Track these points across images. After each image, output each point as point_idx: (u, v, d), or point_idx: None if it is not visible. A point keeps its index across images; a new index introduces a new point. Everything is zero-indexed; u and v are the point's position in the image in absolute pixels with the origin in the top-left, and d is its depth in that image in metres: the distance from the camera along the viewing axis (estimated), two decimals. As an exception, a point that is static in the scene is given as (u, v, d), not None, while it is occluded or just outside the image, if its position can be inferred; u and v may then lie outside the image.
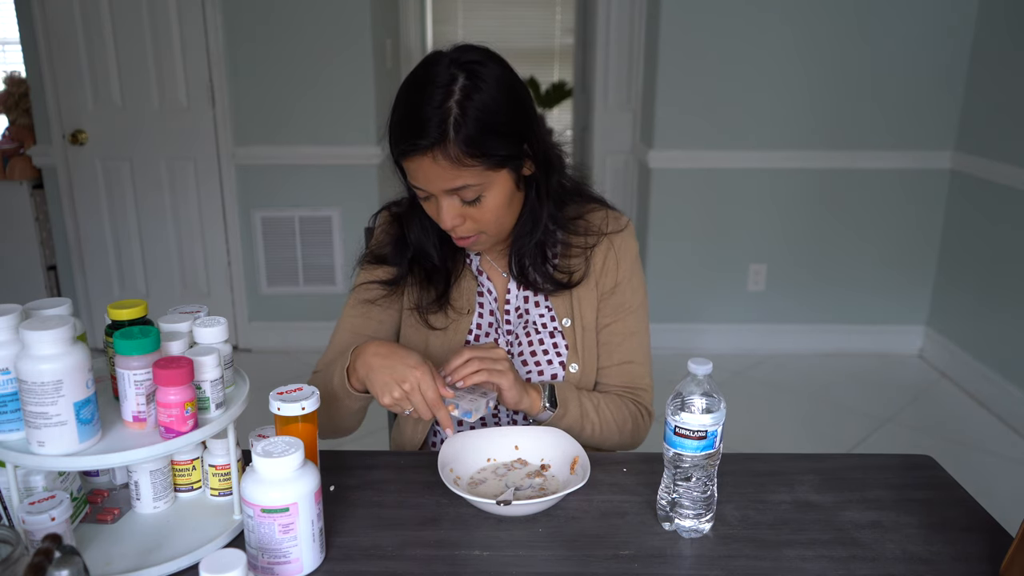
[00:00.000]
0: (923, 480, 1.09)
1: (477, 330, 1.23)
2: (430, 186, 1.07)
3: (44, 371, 0.79)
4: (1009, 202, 2.93)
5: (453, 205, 1.08)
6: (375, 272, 1.24)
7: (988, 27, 3.08)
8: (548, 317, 1.23)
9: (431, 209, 1.12)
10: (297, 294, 3.48)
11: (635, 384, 1.25)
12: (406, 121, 1.05)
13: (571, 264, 1.22)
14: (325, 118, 3.26)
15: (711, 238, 3.42)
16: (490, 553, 0.91)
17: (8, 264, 3.46)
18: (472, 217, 1.10)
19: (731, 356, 3.40)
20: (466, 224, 1.10)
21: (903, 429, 2.88)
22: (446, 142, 1.02)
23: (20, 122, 3.41)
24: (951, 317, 3.32)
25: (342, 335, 1.26)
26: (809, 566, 0.89)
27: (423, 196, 1.10)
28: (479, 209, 1.09)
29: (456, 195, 1.07)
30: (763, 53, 3.19)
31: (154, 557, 0.88)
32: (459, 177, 1.05)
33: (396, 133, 1.06)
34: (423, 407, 1.02)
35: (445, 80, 1.03)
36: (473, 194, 1.07)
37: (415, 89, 1.05)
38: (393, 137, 1.07)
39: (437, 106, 1.02)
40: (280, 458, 0.81)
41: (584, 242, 1.22)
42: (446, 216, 1.08)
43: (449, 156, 1.02)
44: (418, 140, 1.02)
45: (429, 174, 1.05)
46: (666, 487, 0.96)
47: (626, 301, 1.24)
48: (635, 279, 1.25)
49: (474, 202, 1.08)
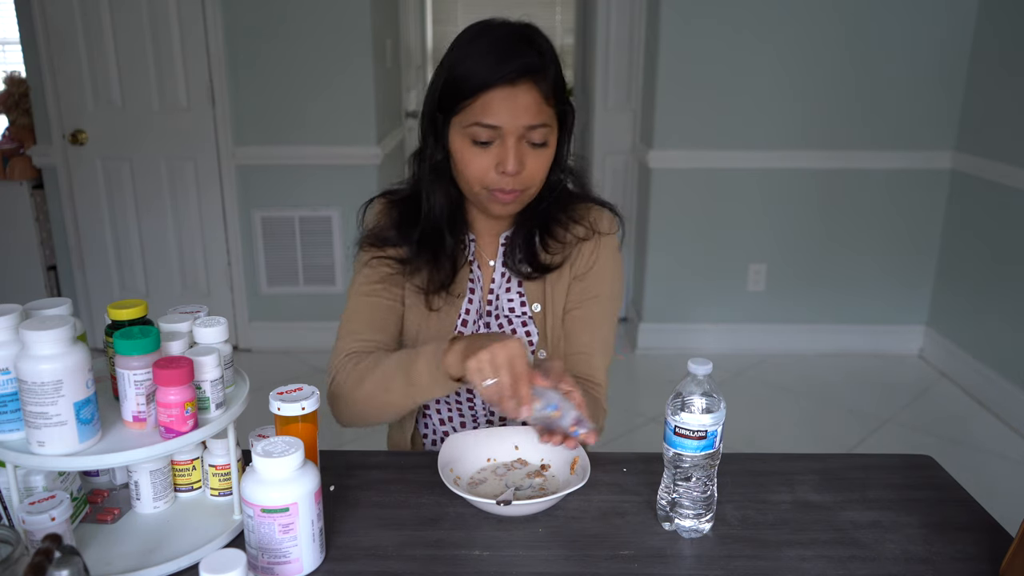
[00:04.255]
0: (923, 480, 1.09)
1: (466, 315, 1.23)
2: (514, 119, 1.06)
3: (44, 371, 0.79)
4: (1009, 202, 2.93)
5: (520, 148, 1.08)
6: (384, 252, 1.21)
7: (988, 27, 3.08)
8: (519, 302, 1.22)
9: (484, 158, 1.09)
10: (297, 294, 3.48)
11: (590, 377, 1.22)
12: (499, 50, 1.05)
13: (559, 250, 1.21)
14: (325, 118, 3.26)
15: (711, 238, 3.41)
16: (490, 553, 0.91)
17: (8, 264, 3.46)
18: (528, 166, 1.09)
19: (731, 356, 3.40)
20: (519, 175, 1.09)
21: (903, 429, 2.88)
22: (545, 73, 1.06)
23: (20, 122, 3.41)
24: (951, 317, 3.32)
25: (364, 310, 1.20)
26: (809, 566, 0.89)
27: (487, 140, 1.08)
28: (536, 159, 1.10)
29: (527, 136, 1.08)
30: (763, 53, 3.19)
31: (154, 557, 0.88)
32: (542, 113, 1.07)
33: (487, 61, 1.05)
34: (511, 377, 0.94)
35: (524, 28, 1.08)
36: (542, 137, 1.08)
37: (504, 30, 1.08)
38: (482, 65, 1.05)
39: (529, 42, 1.07)
40: (280, 458, 0.81)
41: (576, 234, 1.21)
42: (513, 157, 1.07)
43: (540, 89, 1.06)
44: (522, 63, 1.04)
45: (517, 105, 1.05)
46: (666, 487, 0.96)
47: (592, 288, 1.22)
48: (607, 271, 1.23)
49: (539, 146, 1.09)
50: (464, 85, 1.07)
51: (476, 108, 1.07)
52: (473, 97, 1.06)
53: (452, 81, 1.08)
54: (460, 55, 1.09)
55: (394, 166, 3.91)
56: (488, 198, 1.12)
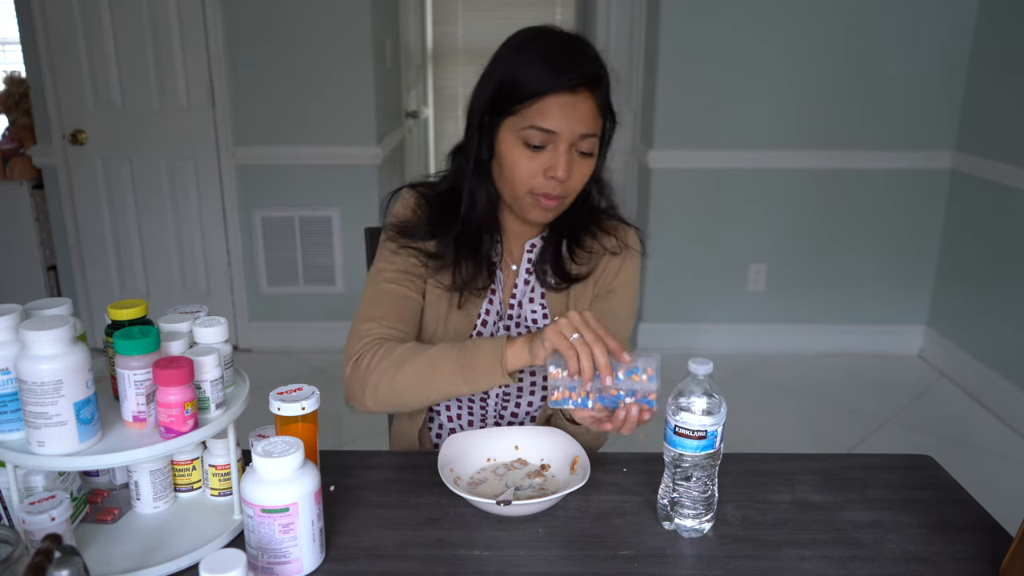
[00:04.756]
0: (923, 480, 1.09)
1: (485, 315, 1.23)
2: (571, 126, 1.07)
3: (44, 371, 0.79)
4: (1009, 202, 2.93)
5: (571, 156, 1.10)
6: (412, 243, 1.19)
7: (988, 27, 3.07)
8: (540, 314, 1.24)
9: (534, 162, 1.09)
10: (297, 294, 3.48)
11: None
12: (560, 57, 1.07)
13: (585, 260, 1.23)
14: (325, 118, 3.26)
15: (711, 238, 3.41)
16: (490, 553, 0.91)
17: (8, 264, 3.46)
18: (574, 174, 1.11)
19: (731, 356, 3.40)
20: (565, 182, 1.11)
21: (903, 429, 2.88)
22: (602, 84, 1.11)
23: (20, 122, 3.40)
24: (951, 317, 3.32)
25: (388, 297, 1.18)
26: (809, 566, 0.89)
27: (540, 144, 1.08)
28: (582, 168, 1.12)
29: (578, 145, 1.10)
30: (763, 53, 3.19)
31: (154, 557, 0.88)
32: (595, 123, 1.10)
33: (548, 66, 1.07)
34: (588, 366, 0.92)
35: (579, 38, 1.12)
36: (591, 147, 1.11)
37: (560, 37, 1.11)
38: (542, 70, 1.07)
39: (587, 53, 1.10)
40: (280, 458, 0.81)
41: (605, 246, 1.24)
42: (564, 164, 1.08)
43: (597, 99, 1.10)
44: (583, 72, 1.07)
45: (573, 114, 1.07)
46: (666, 487, 0.96)
47: (616, 309, 1.25)
48: (629, 292, 1.27)
49: (586, 156, 1.11)
50: (523, 88, 1.07)
51: (533, 111, 1.07)
52: (531, 101, 1.07)
53: (509, 83, 1.09)
54: (517, 59, 1.10)
55: (394, 166, 3.91)
56: (531, 203, 1.13)
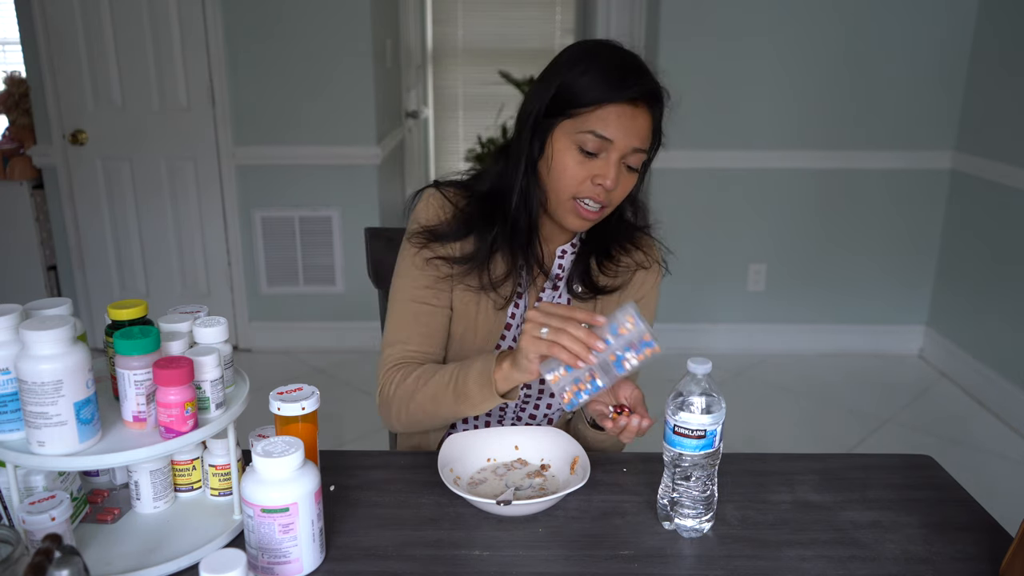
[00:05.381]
0: (923, 480, 1.09)
1: (511, 320, 1.23)
2: (626, 137, 1.09)
3: (44, 371, 0.79)
4: (1009, 202, 2.93)
5: (619, 167, 1.11)
6: (444, 248, 1.18)
7: (988, 27, 3.07)
8: None
9: (584, 168, 1.10)
10: (297, 294, 3.48)
11: None
12: (624, 70, 1.10)
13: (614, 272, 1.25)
14: (325, 118, 3.26)
15: (711, 238, 3.41)
16: (490, 553, 0.91)
17: (8, 264, 3.46)
18: (619, 186, 1.13)
19: (731, 356, 3.40)
20: (610, 193, 1.12)
21: (903, 429, 2.88)
22: (660, 103, 1.14)
23: (20, 122, 3.40)
24: (951, 317, 3.32)
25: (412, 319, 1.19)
26: (809, 566, 0.90)
27: (593, 151, 1.10)
28: (627, 181, 1.14)
29: (628, 158, 1.11)
30: (763, 53, 3.19)
31: (154, 557, 0.88)
32: (647, 140, 1.13)
33: (613, 76, 1.09)
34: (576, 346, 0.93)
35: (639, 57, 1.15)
36: (638, 162, 1.13)
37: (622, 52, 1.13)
38: (606, 79, 1.09)
39: (647, 71, 1.14)
40: (280, 458, 0.81)
41: (636, 260, 1.27)
42: (614, 173, 1.10)
43: (653, 116, 1.13)
44: (646, 88, 1.10)
45: (631, 125, 1.09)
46: (666, 487, 0.96)
47: None
48: (653, 304, 1.32)
49: (632, 171, 1.13)
50: (585, 94, 1.09)
51: (593, 118, 1.09)
52: (593, 107, 1.09)
53: (571, 87, 1.10)
54: (579, 67, 1.11)
55: (394, 166, 3.91)
56: (572, 208, 1.13)
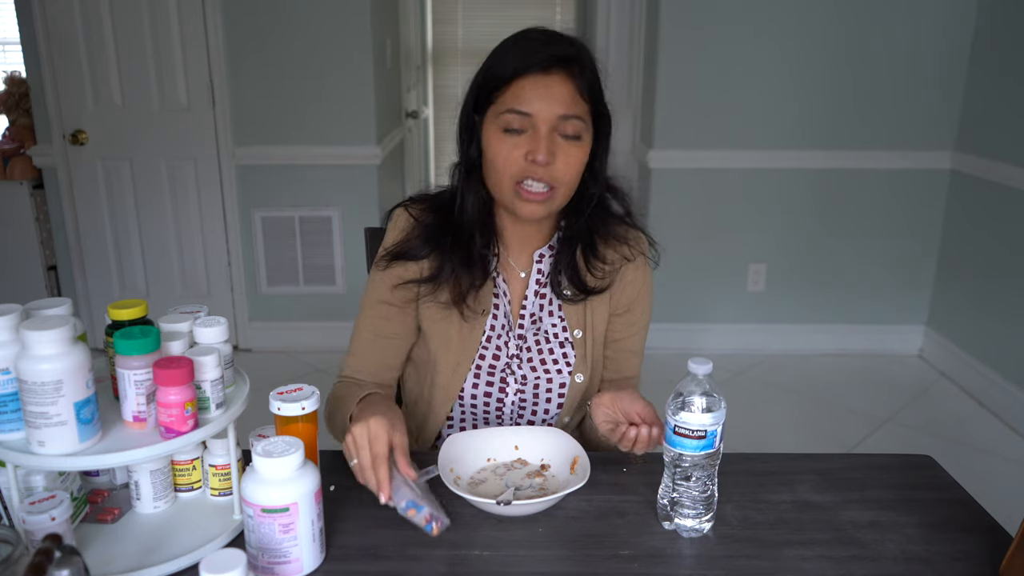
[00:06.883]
0: (923, 480, 1.09)
1: (490, 331, 1.22)
2: (547, 107, 1.07)
3: (44, 371, 0.79)
4: (1009, 202, 2.93)
5: (552, 139, 1.08)
6: (404, 270, 1.19)
7: (988, 27, 3.07)
8: (560, 327, 1.23)
9: (515, 148, 1.09)
10: (297, 294, 3.48)
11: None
12: (543, 39, 1.09)
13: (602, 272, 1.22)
14: (325, 118, 3.26)
15: (711, 238, 3.41)
16: (490, 553, 0.91)
17: (8, 264, 3.46)
18: (559, 160, 1.09)
19: (731, 356, 3.40)
20: (551, 168, 1.09)
21: (903, 429, 2.88)
22: (580, 66, 1.09)
23: (20, 122, 3.41)
24: (951, 317, 3.32)
25: (367, 344, 1.22)
26: (809, 566, 0.90)
27: (519, 128, 1.08)
28: (568, 153, 1.10)
29: (560, 128, 1.08)
30: (763, 53, 3.19)
31: (154, 557, 0.88)
32: (575, 105, 1.09)
33: (521, 51, 1.08)
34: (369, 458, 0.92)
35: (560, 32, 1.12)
36: (574, 129, 1.09)
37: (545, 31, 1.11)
38: (522, 51, 1.08)
39: (570, 43, 1.10)
40: (280, 458, 0.81)
41: (622, 254, 1.23)
42: (544, 147, 1.07)
43: (574, 81, 1.08)
44: (554, 53, 1.07)
45: (546, 94, 1.07)
46: (666, 487, 0.96)
47: (638, 320, 1.28)
48: (647, 300, 1.29)
49: (572, 139, 1.10)
50: (498, 75, 1.09)
51: (508, 96, 1.08)
52: (506, 85, 1.08)
53: (486, 75, 1.11)
54: (499, 52, 1.11)
55: (394, 166, 3.91)
56: (517, 196, 1.11)
